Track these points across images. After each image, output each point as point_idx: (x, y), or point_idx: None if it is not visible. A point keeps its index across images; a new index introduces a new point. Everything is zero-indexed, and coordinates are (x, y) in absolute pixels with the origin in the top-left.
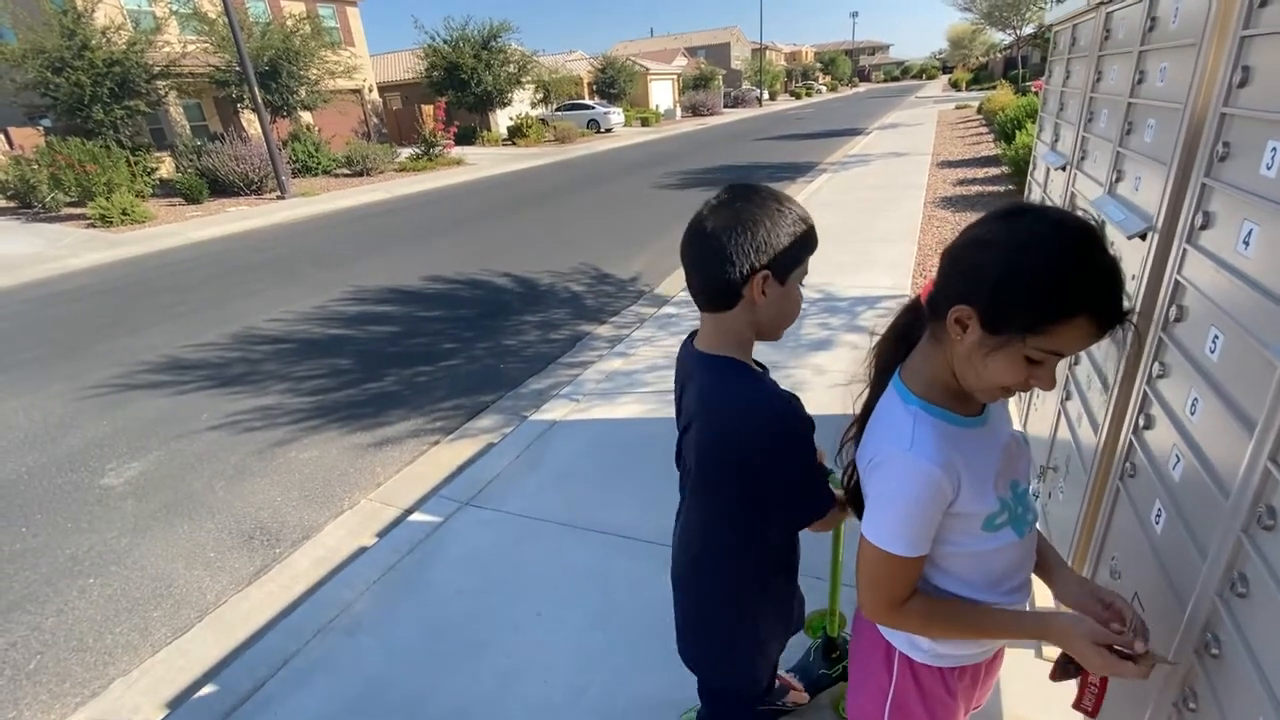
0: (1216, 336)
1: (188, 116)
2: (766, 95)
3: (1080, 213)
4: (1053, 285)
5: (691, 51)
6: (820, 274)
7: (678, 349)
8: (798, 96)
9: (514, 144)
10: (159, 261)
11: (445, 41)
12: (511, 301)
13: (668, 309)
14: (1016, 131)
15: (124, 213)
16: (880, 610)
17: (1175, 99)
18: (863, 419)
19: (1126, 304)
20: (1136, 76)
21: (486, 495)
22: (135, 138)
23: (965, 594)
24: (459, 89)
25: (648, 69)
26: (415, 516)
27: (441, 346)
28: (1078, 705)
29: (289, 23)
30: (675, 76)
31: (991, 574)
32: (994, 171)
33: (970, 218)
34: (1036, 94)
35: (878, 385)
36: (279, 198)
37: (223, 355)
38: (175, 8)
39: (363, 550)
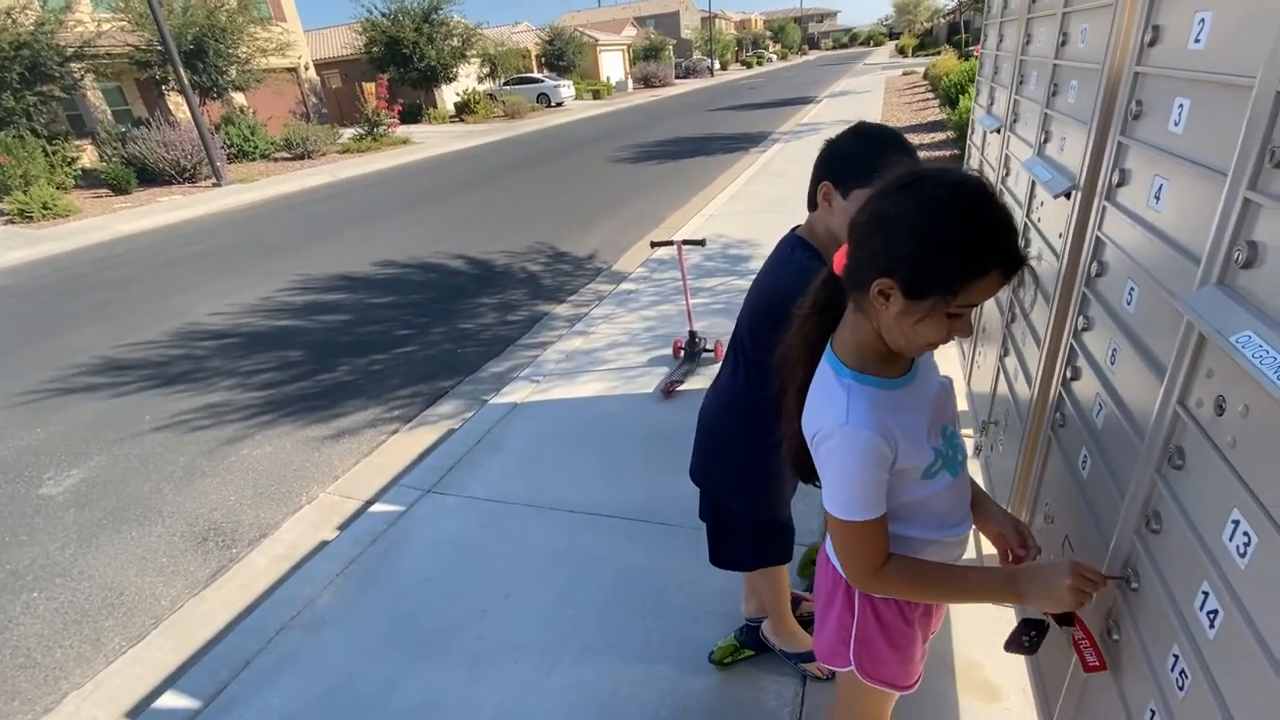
0: (1133, 289)
1: (108, 101)
2: (718, 65)
3: (1004, 173)
4: (964, 248)
5: (641, 21)
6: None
7: (637, 326)
8: (749, 66)
9: (462, 121)
10: (88, 257)
11: (383, 15)
12: (466, 284)
13: (625, 285)
14: (960, 96)
15: (45, 207)
16: (864, 577)
17: (1094, 60)
18: (801, 392)
19: (1025, 249)
20: (1060, 38)
21: (449, 482)
22: (51, 125)
23: (915, 534)
24: (401, 65)
25: (597, 40)
26: (377, 507)
27: (396, 333)
28: (1088, 669)
29: None
30: (625, 47)
31: (934, 514)
32: (940, 136)
33: None
34: (978, 58)
35: (809, 360)
36: (215, 185)
37: (163, 353)
38: None
39: (324, 544)
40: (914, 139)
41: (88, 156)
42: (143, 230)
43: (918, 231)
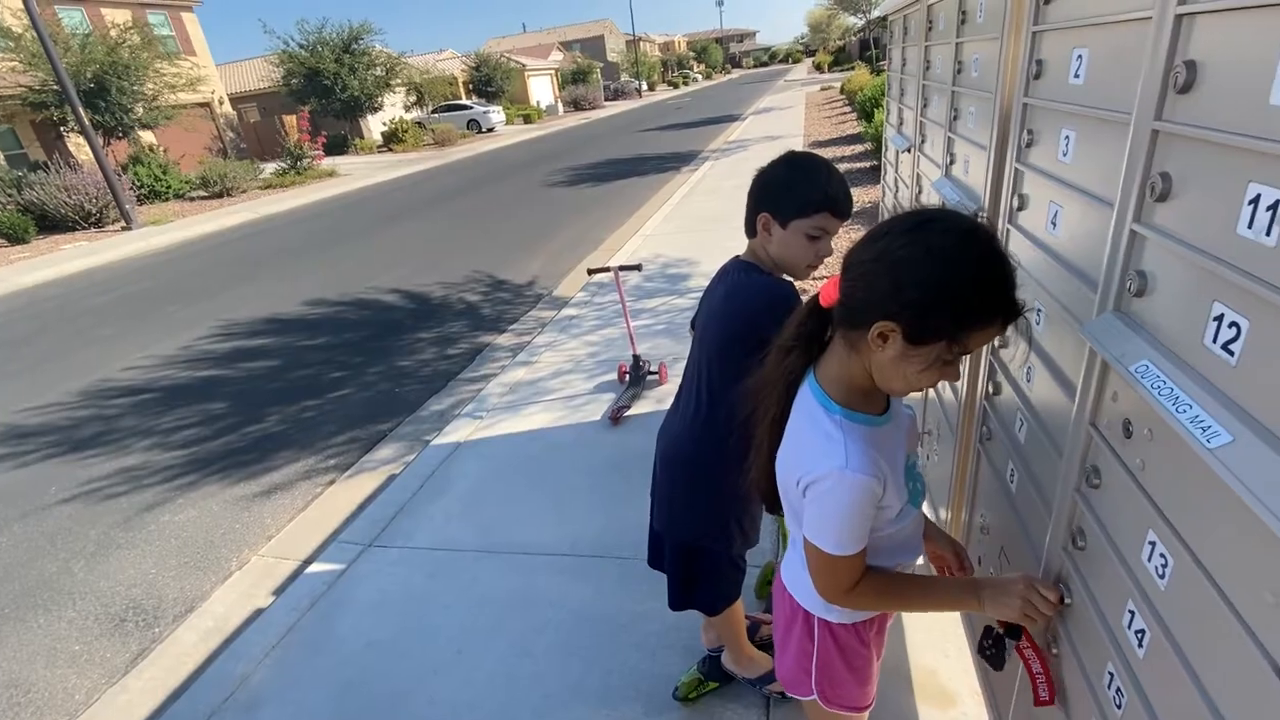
0: (1039, 309)
1: (1, 145)
2: (646, 86)
3: (917, 191)
4: (973, 299)
5: (566, 46)
6: (713, 259)
7: (581, 352)
8: (675, 86)
9: (390, 150)
10: None
11: (301, 46)
12: (403, 319)
13: (568, 311)
14: (874, 110)
15: None
16: (837, 595)
17: (987, 88)
18: (774, 424)
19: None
20: (956, 66)
21: (391, 533)
22: None
23: (875, 562)
24: (323, 96)
25: (524, 65)
26: (314, 567)
27: (329, 376)
28: (1038, 703)
29: (113, 33)
30: (553, 71)
31: (896, 545)
32: (859, 149)
33: None
34: (887, 74)
35: (786, 393)
36: (125, 229)
37: (71, 416)
38: None
39: (258, 613)
40: (836, 152)
41: None
42: (44, 281)
43: (929, 278)
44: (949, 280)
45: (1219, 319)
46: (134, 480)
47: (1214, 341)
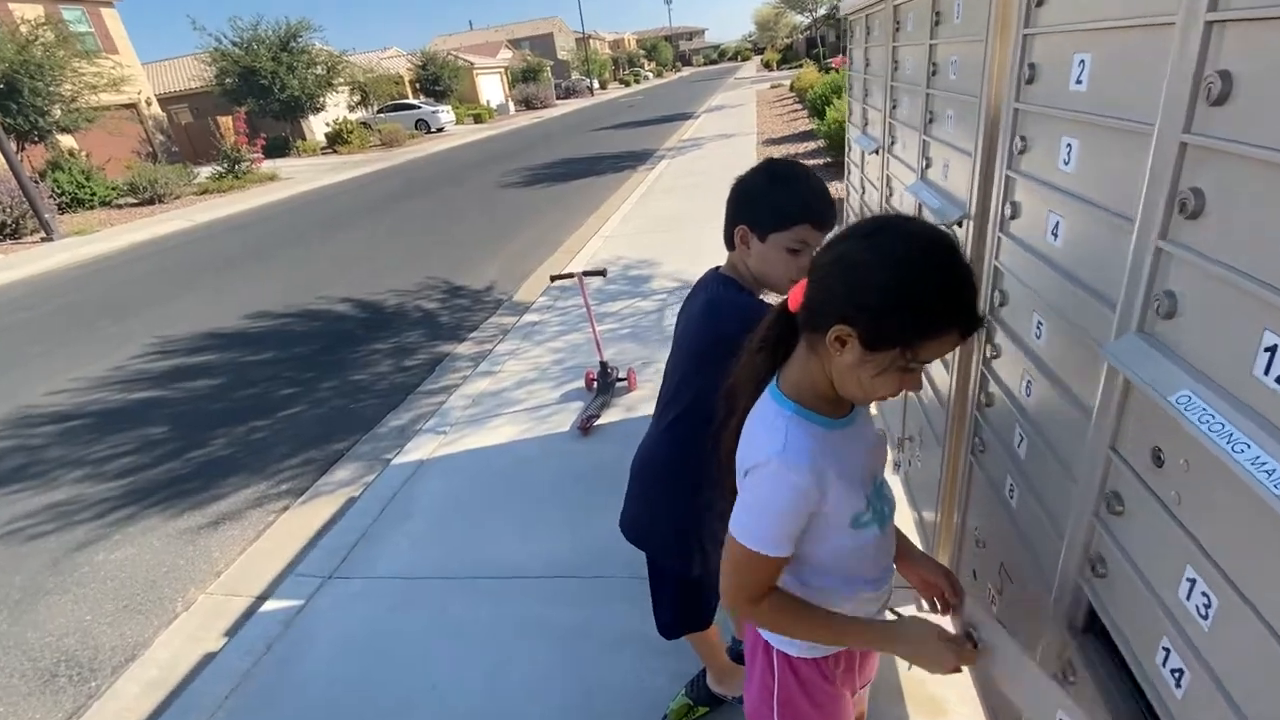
0: (1040, 323)
1: None
2: (597, 84)
3: (888, 193)
4: (929, 307)
5: (515, 43)
6: (674, 259)
7: (546, 359)
8: (627, 84)
9: (335, 152)
10: None
11: (234, 44)
12: (355, 330)
13: (529, 316)
14: (826, 108)
15: None
16: (740, 602)
17: (969, 91)
18: (738, 426)
19: (981, 311)
20: (930, 68)
21: (352, 563)
22: None
23: (832, 585)
24: (260, 96)
25: (472, 63)
26: (269, 605)
27: (278, 393)
28: None
29: (23, 29)
30: (503, 70)
31: (857, 567)
32: (812, 146)
33: None
34: (837, 71)
35: (753, 395)
36: (45, 240)
37: None
38: None
39: (209, 658)
40: (790, 149)
41: None
42: None
43: (885, 283)
44: (906, 286)
45: (1271, 350)
46: (63, 517)
47: (1266, 373)
